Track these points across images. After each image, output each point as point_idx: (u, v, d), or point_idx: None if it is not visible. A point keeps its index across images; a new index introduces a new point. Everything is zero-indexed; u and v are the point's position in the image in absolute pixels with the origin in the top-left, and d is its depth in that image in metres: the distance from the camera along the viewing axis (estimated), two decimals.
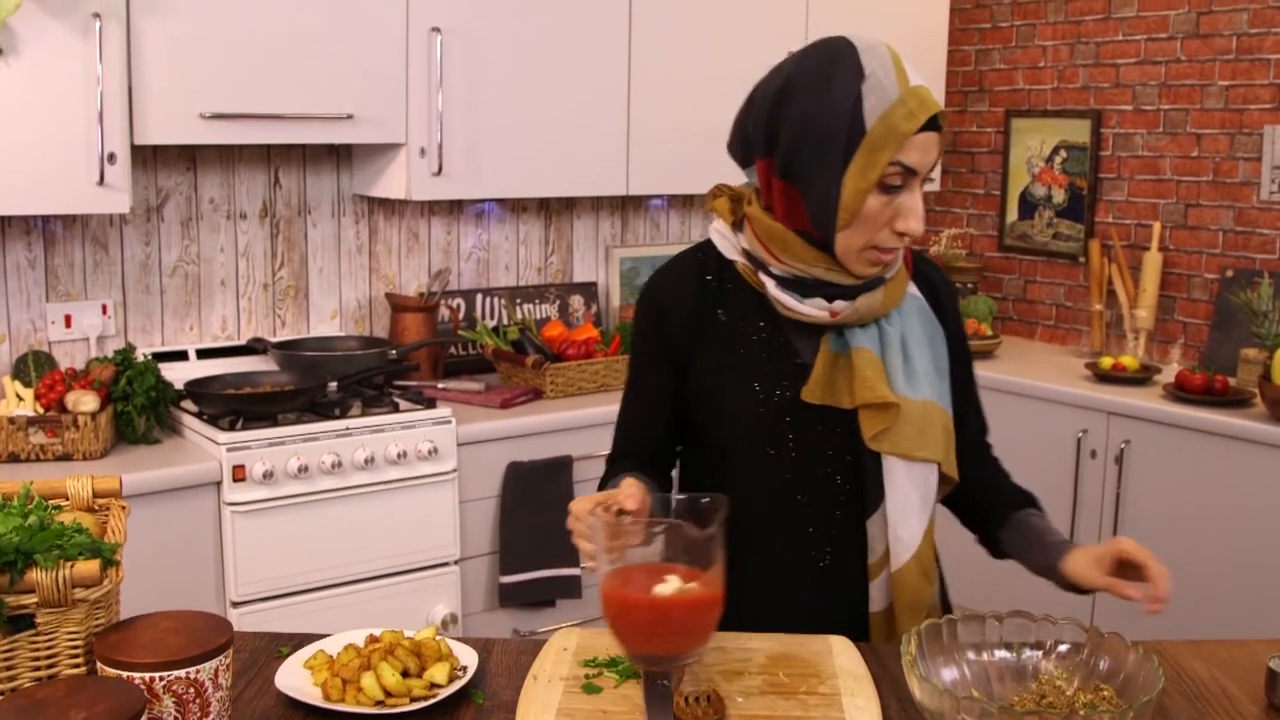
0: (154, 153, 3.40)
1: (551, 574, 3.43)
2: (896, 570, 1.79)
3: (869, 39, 1.72)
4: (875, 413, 1.76)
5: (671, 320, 1.85)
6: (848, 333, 1.79)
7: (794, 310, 1.77)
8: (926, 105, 1.67)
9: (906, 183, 1.68)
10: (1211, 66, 4.10)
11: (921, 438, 1.77)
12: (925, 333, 1.84)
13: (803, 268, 1.75)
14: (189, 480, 2.92)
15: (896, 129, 1.65)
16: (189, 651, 1.35)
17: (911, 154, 1.67)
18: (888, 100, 1.66)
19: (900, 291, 1.82)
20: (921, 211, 1.69)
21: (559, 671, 1.58)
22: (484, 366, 3.87)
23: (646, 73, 3.83)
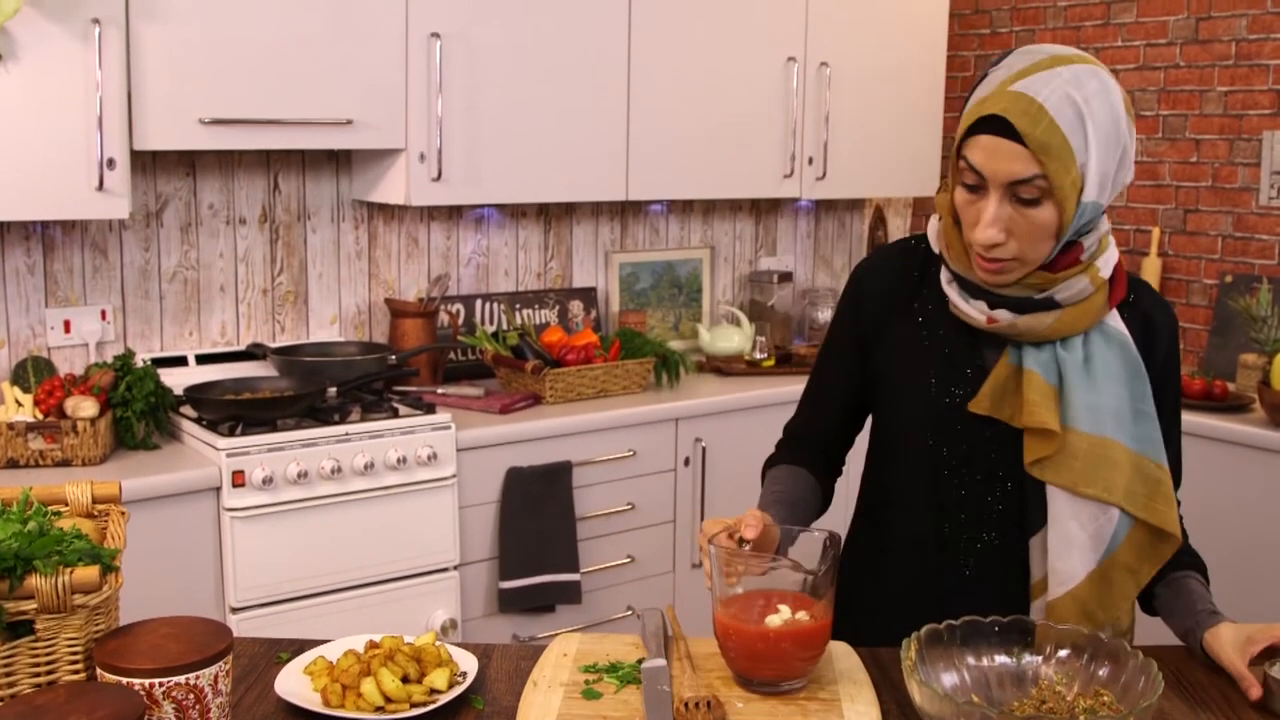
0: (153, 158, 3.40)
1: (551, 579, 3.42)
2: (1052, 600, 1.75)
3: (1050, 48, 1.67)
4: (1039, 438, 1.73)
5: (869, 303, 1.89)
6: (1023, 351, 1.76)
7: (958, 308, 1.77)
8: (996, 104, 1.61)
9: (982, 184, 1.65)
10: (1210, 72, 4.11)
11: (1092, 474, 1.72)
12: (1124, 369, 1.76)
13: (961, 268, 1.76)
14: (188, 486, 2.91)
15: (964, 120, 1.67)
16: (188, 658, 1.35)
17: (974, 153, 1.64)
18: (981, 95, 1.67)
19: (1086, 320, 1.75)
20: (989, 220, 1.64)
21: (559, 677, 1.58)
22: (483, 372, 3.87)
23: (646, 78, 3.83)
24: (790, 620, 1.53)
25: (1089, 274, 1.72)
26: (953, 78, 4.84)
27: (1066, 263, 1.72)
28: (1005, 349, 1.77)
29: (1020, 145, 1.60)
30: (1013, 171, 1.61)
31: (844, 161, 4.31)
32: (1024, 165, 1.60)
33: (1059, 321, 1.73)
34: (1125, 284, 1.80)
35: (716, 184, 4.10)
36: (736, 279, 4.65)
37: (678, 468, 3.71)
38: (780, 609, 1.55)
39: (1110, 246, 1.77)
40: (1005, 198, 1.63)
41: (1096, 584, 1.74)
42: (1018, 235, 1.65)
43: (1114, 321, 1.79)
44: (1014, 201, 1.63)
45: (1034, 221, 1.64)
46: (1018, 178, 1.61)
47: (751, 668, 1.55)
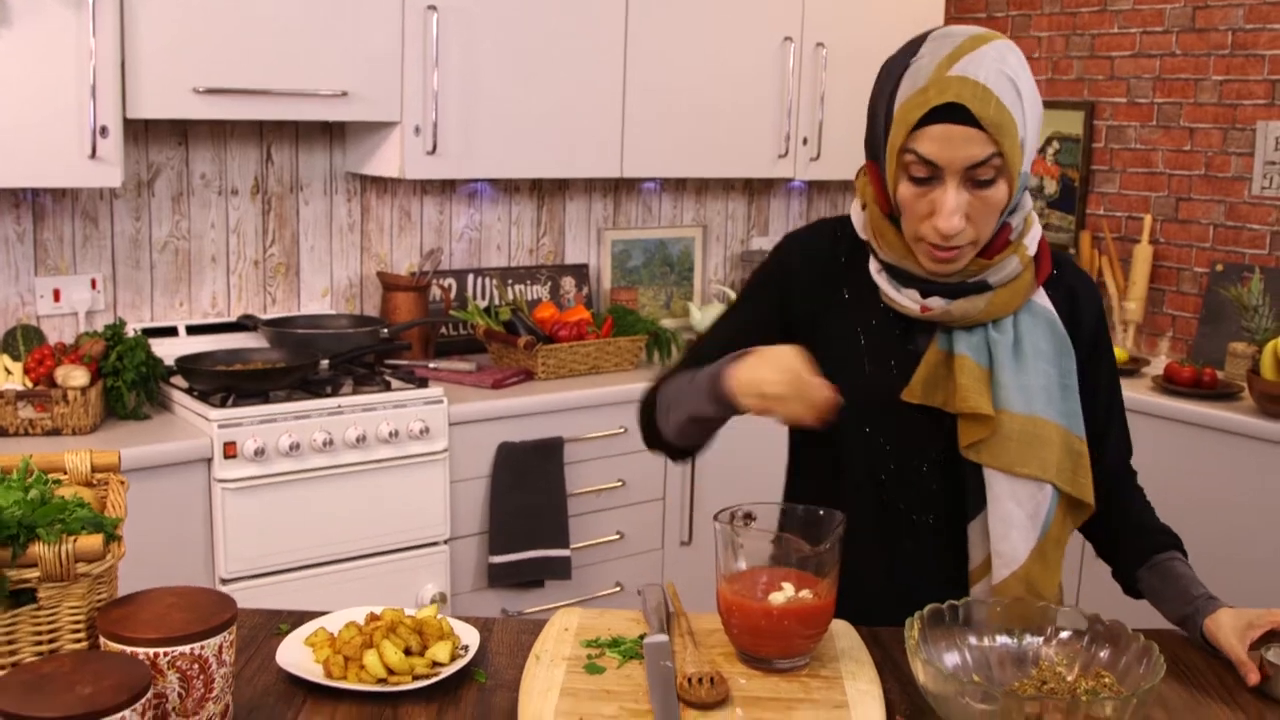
0: (145, 127, 3.37)
1: (541, 554, 3.42)
2: (997, 583, 1.75)
3: (963, 30, 1.66)
4: (972, 422, 1.73)
5: (795, 284, 1.84)
6: (954, 336, 1.75)
7: (890, 298, 1.76)
8: (944, 92, 1.59)
9: (935, 174, 1.63)
10: (1206, 61, 4.11)
11: (1026, 454, 1.72)
12: (1052, 346, 1.77)
13: (895, 257, 1.74)
14: (180, 456, 2.90)
15: (906, 116, 1.62)
16: (193, 627, 1.34)
17: (925, 145, 1.61)
18: (914, 87, 1.63)
19: (1017, 300, 1.75)
20: (951, 209, 1.61)
21: (561, 651, 1.58)
22: (475, 347, 3.86)
23: (642, 55, 3.82)
24: (793, 598, 1.53)
25: (1018, 253, 1.74)
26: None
27: (998, 245, 1.73)
28: (935, 334, 1.77)
29: (974, 128, 1.59)
30: (970, 156, 1.60)
31: (838, 142, 4.30)
32: (980, 147, 1.60)
33: (991, 304, 1.73)
34: (1050, 260, 1.81)
35: (710, 163, 4.09)
36: (728, 258, 4.64)
37: None
38: (784, 586, 1.55)
39: (1035, 223, 1.78)
40: (961, 184, 1.63)
41: (1037, 562, 1.75)
42: (974, 219, 1.65)
43: (1040, 299, 1.79)
44: (969, 186, 1.63)
45: (989, 202, 1.64)
46: (975, 160, 1.60)
47: (754, 644, 1.55)
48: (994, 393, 1.73)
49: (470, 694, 1.52)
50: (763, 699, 1.48)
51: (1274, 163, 3.95)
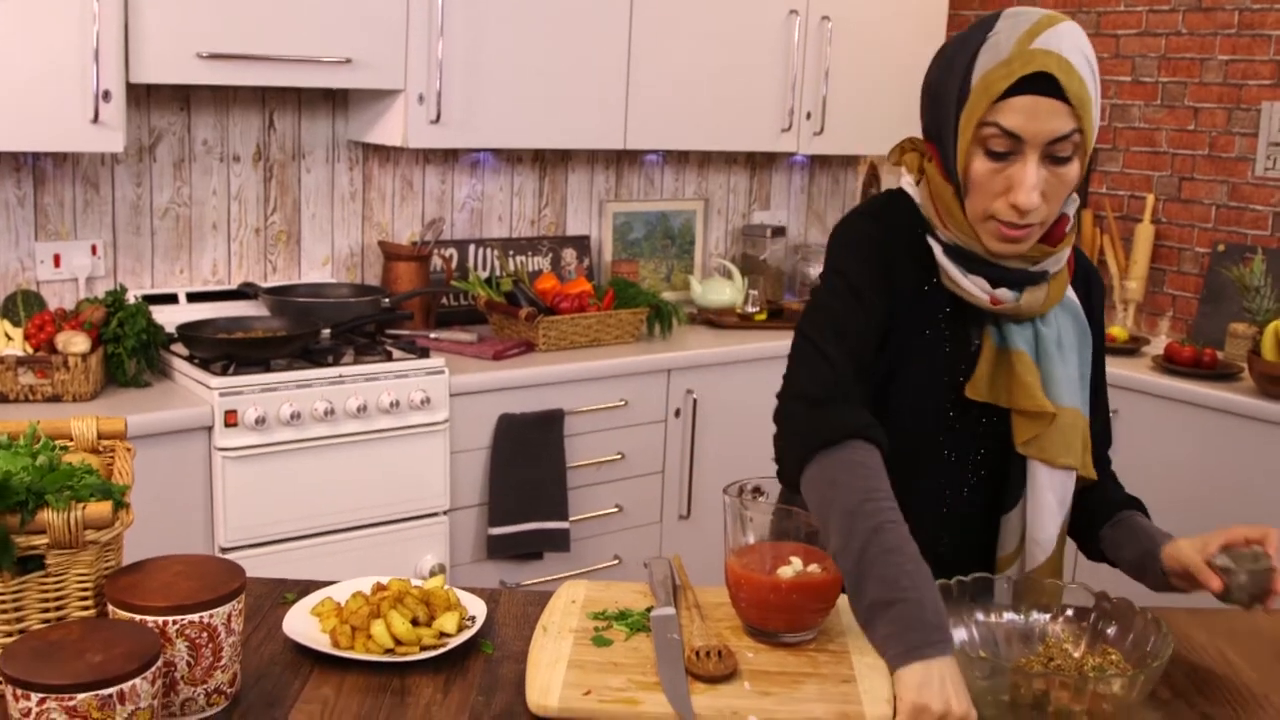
0: (147, 92, 3.35)
1: (540, 527, 3.43)
2: (1033, 570, 1.76)
3: (1036, 10, 1.64)
4: (1030, 419, 1.72)
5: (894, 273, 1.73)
6: (1005, 329, 1.73)
7: (956, 284, 1.71)
8: (1030, 64, 1.56)
9: (1016, 149, 1.60)
10: (1212, 40, 4.10)
11: (1065, 444, 1.73)
12: (1077, 336, 1.78)
13: (964, 239, 1.70)
14: (180, 424, 2.89)
15: (991, 87, 1.59)
16: (202, 596, 1.34)
17: (1010, 116, 1.58)
18: (996, 59, 1.59)
19: (1062, 291, 1.75)
20: (1032, 184, 1.58)
21: (568, 623, 1.58)
22: (476, 317, 3.85)
23: (648, 26, 3.80)
24: (802, 572, 1.54)
25: (1068, 243, 1.74)
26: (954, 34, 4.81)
27: (1058, 235, 1.72)
28: (986, 327, 1.75)
29: (1060, 101, 1.57)
30: (1054, 129, 1.58)
31: (842, 117, 4.29)
32: (1063, 121, 1.58)
33: (1050, 294, 1.73)
34: (1073, 253, 1.81)
35: (714, 136, 4.07)
36: (729, 232, 4.63)
37: (668, 419, 3.70)
38: (792, 560, 1.55)
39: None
40: (1041, 160, 1.60)
41: (1061, 547, 1.78)
42: (1048, 197, 1.63)
43: (1069, 290, 1.81)
44: (1047, 163, 1.61)
45: (1064, 180, 1.63)
46: (1059, 134, 1.58)
47: (762, 618, 1.55)
48: (1046, 388, 1.73)
49: (477, 665, 1.52)
50: (770, 672, 1.48)
51: (1278, 144, 3.94)
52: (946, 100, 1.66)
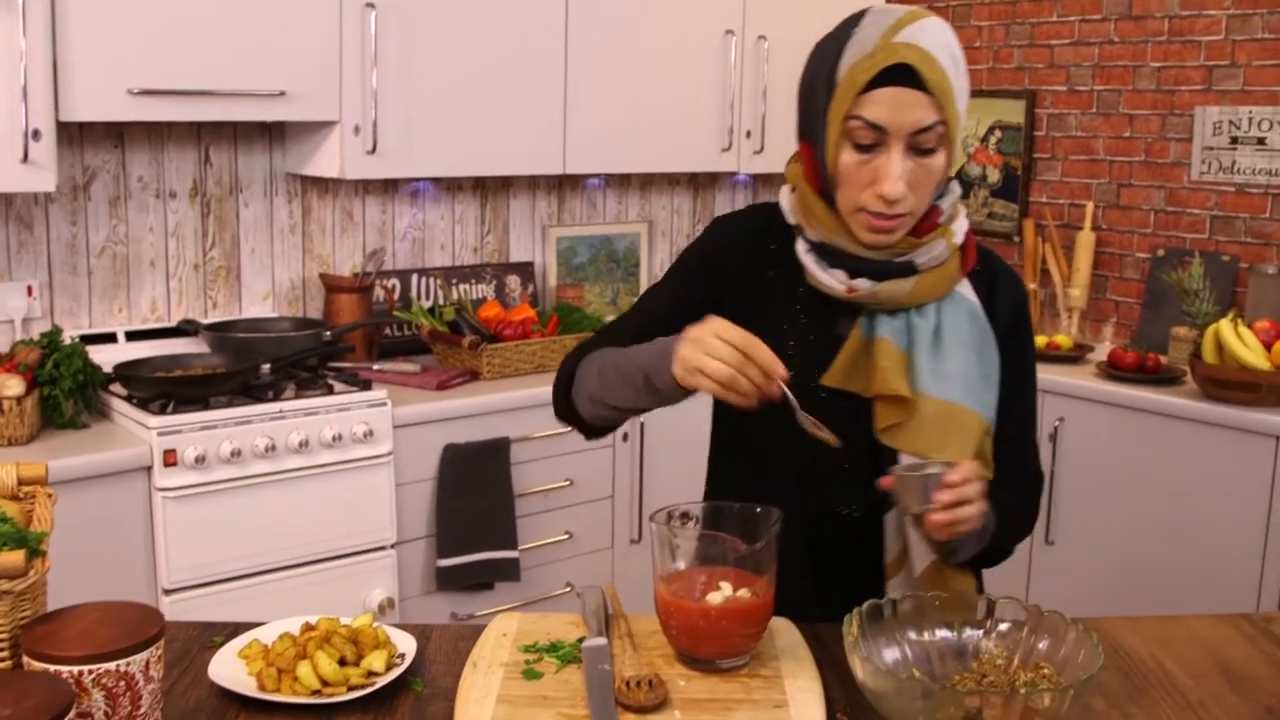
0: (80, 130, 3.32)
1: (489, 557, 3.40)
2: (919, 574, 1.75)
3: (905, 7, 1.69)
4: (889, 406, 1.72)
5: (724, 265, 1.84)
6: (876, 320, 1.75)
7: (815, 278, 1.76)
8: (892, 55, 1.61)
9: (881, 141, 1.64)
10: (1144, 48, 4.13)
11: (942, 439, 1.71)
12: (973, 337, 1.77)
13: (826, 234, 1.74)
14: (119, 465, 2.86)
15: (854, 80, 1.63)
16: (118, 643, 1.32)
17: (874, 109, 1.62)
18: (860, 53, 1.64)
19: (943, 287, 1.76)
20: (897, 174, 1.63)
21: (499, 657, 1.56)
22: (420, 348, 3.83)
23: (583, 50, 3.80)
24: (731, 597, 1.52)
25: (945, 237, 1.75)
26: None
27: (927, 227, 1.74)
28: (858, 319, 1.77)
29: (921, 92, 1.62)
30: (917, 120, 1.62)
31: (782, 135, 4.29)
32: (926, 112, 1.62)
33: (917, 287, 1.74)
34: (975, 252, 1.83)
35: (654, 157, 4.07)
36: (674, 253, 4.63)
37: (616, 444, 3.69)
38: (721, 586, 1.54)
39: (962, 214, 1.80)
40: (905, 151, 1.64)
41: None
42: (915, 188, 1.67)
43: (964, 290, 1.81)
44: (912, 154, 1.65)
45: (930, 171, 1.66)
46: (922, 125, 1.62)
47: (693, 645, 1.54)
48: (912, 377, 1.73)
49: (406, 703, 1.50)
50: (702, 700, 1.47)
51: (1212, 148, 3.98)
52: (815, 97, 1.70)
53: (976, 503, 1.59)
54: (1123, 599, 3.64)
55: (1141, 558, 3.60)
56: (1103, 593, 3.70)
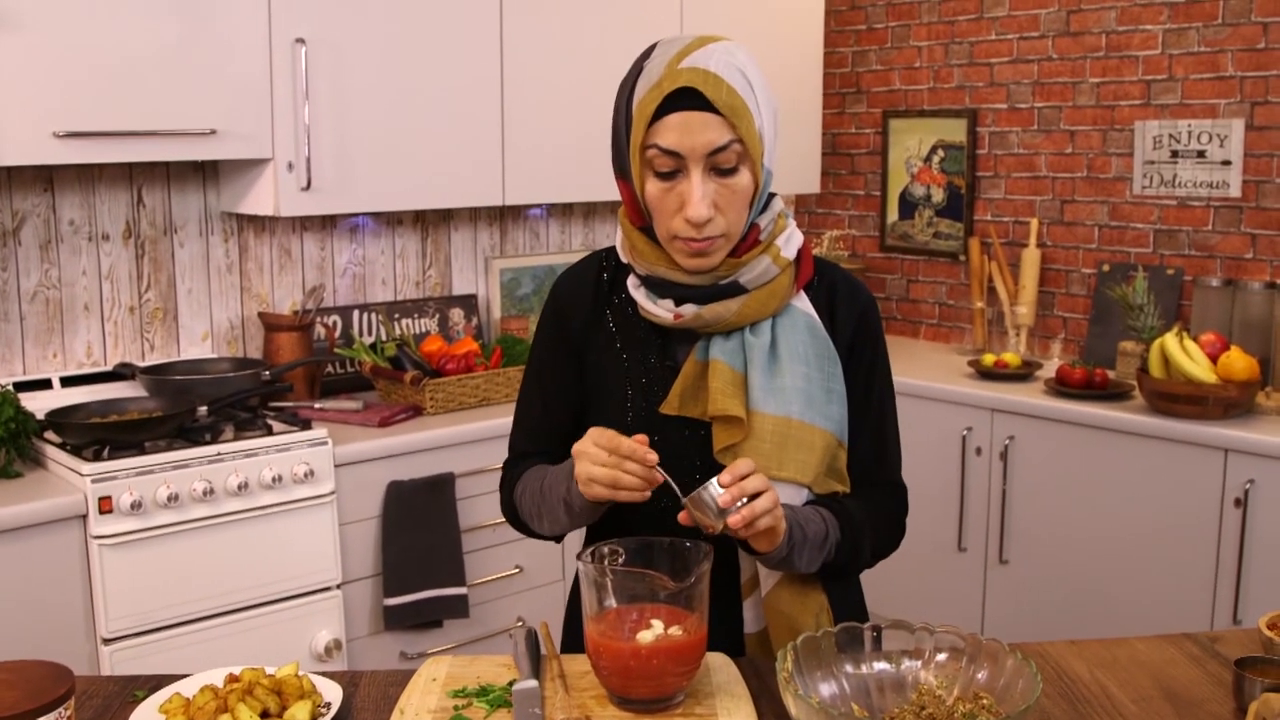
0: (8, 174, 3.26)
1: (437, 594, 3.35)
2: (767, 594, 1.73)
3: (692, 35, 1.70)
4: (724, 426, 1.72)
5: (570, 319, 1.85)
6: (712, 342, 1.75)
7: (647, 310, 1.77)
8: (677, 80, 1.62)
9: (680, 166, 1.64)
10: (1083, 64, 4.15)
11: (781, 457, 1.70)
12: (812, 350, 1.76)
13: (648, 265, 1.74)
14: (53, 514, 2.79)
15: (642, 111, 1.65)
16: (23, 706, 1.27)
17: (665, 135, 1.63)
18: (650, 83, 1.65)
19: (773, 303, 1.75)
20: (699, 197, 1.63)
21: (426, 704, 1.52)
22: (363, 384, 3.78)
23: (520, 80, 3.77)
24: (663, 635, 1.49)
25: (770, 254, 1.74)
26: (830, 74, 4.85)
27: (747, 245, 1.74)
28: (694, 345, 1.77)
29: (710, 113, 1.62)
30: (709, 141, 1.62)
31: None
32: (718, 132, 1.62)
33: (745, 307, 1.73)
34: (811, 265, 1.82)
35: (595, 186, 4.04)
36: None
37: None
38: (653, 624, 1.50)
39: (790, 226, 1.79)
40: (706, 173, 1.64)
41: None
42: (723, 208, 1.66)
43: (801, 303, 1.80)
44: (714, 175, 1.65)
45: (735, 190, 1.66)
46: (715, 145, 1.62)
47: (625, 686, 1.50)
48: (748, 396, 1.72)
49: None
50: None
51: (1153, 162, 4.00)
52: (619, 135, 1.72)
53: (766, 494, 1.56)
54: (1077, 617, 3.63)
55: (1095, 574, 3.59)
56: (1056, 611, 3.68)
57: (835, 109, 4.91)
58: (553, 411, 1.90)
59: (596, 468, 1.59)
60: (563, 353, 1.87)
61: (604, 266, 1.87)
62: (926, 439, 3.89)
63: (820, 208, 5.02)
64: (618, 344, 1.82)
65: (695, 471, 1.74)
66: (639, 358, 1.80)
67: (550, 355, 1.89)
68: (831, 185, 4.97)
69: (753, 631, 1.77)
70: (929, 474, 3.88)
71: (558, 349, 1.88)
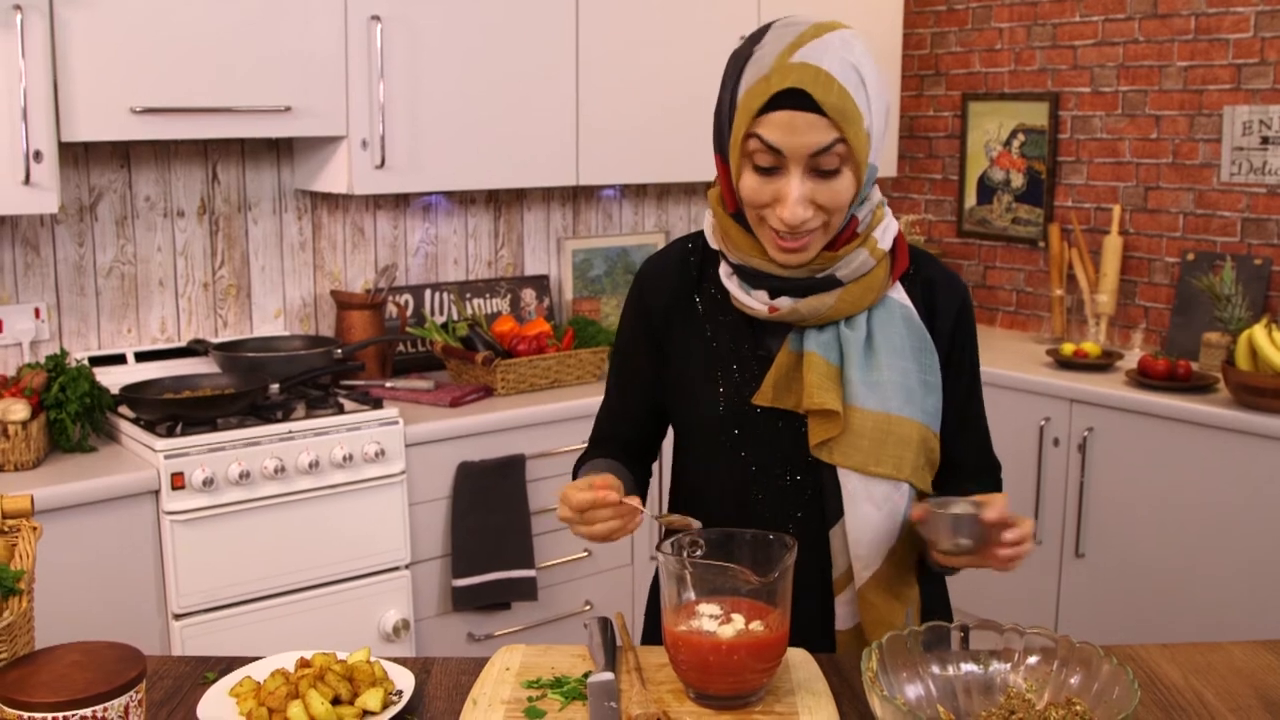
0: (85, 150, 3.27)
1: (506, 576, 3.33)
2: (861, 588, 1.70)
3: (802, 16, 1.64)
4: (820, 420, 1.68)
5: (652, 306, 1.83)
6: (805, 335, 1.71)
7: (740, 302, 1.73)
8: (787, 78, 1.56)
9: (780, 163, 1.59)
10: (1170, 47, 4.04)
11: (879, 453, 1.67)
12: (910, 343, 1.72)
13: (743, 255, 1.70)
14: (126, 489, 2.80)
15: (748, 104, 1.59)
16: (95, 688, 1.25)
17: (771, 131, 1.58)
18: (757, 75, 1.59)
19: (870, 296, 1.71)
20: (795, 198, 1.58)
21: (500, 694, 1.49)
22: (433, 364, 3.77)
23: (595, 59, 3.73)
24: (744, 631, 1.45)
25: (868, 246, 1.70)
26: (909, 55, 4.77)
27: (845, 238, 1.69)
28: (787, 337, 1.73)
29: (817, 114, 1.56)
30: (813, 142, 1.57)
31: None
32: (823, 134, 1.57)
33: (841, 300, 1.69)
34: (907, 256, 1.77)
35: (670, 167, 4.00)
36: None
37: None
38: (734, 619, 1.46)
39: (887, 217, 1.75)
40: (806, 173, 1.59)
41: (894, 564, 1.71)
42: (822, 208, 1.62)
43: (897, 295, 1.76)
44: (814, 175, 1.60)
45: (835, 191, 1.61)
46: (819, 147, 1.57)
47: (704, 681, 1.46)
48: (844, 389, 1.69)
49: None
50: None
51: (1242, 148, 3.89)
52: (721, 117, 1.67)
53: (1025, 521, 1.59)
54: (1153, 614, 3.55)
55: (1175, 571, 3.51)
56: (1132, 607, 3.60)
57: (913, 91, 4.82)
58: (628, 397, 1.91)
59: (582, 529, 1.62)
60: (643, 341, 1.85)
61: (690, 250, 1.83)
62: (1003, 429, 3.78)
63: (896, 191, 4.94)
64: (707, 331, 1.78)
65: (788, 463, 1.72)
66: (729, 346, 1.77)
67: (630, 343, 1.88)
68: (908, 169, 4.89)
69: (846, 628, 1.74)
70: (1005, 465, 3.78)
71: (638, 337, 1.86)
